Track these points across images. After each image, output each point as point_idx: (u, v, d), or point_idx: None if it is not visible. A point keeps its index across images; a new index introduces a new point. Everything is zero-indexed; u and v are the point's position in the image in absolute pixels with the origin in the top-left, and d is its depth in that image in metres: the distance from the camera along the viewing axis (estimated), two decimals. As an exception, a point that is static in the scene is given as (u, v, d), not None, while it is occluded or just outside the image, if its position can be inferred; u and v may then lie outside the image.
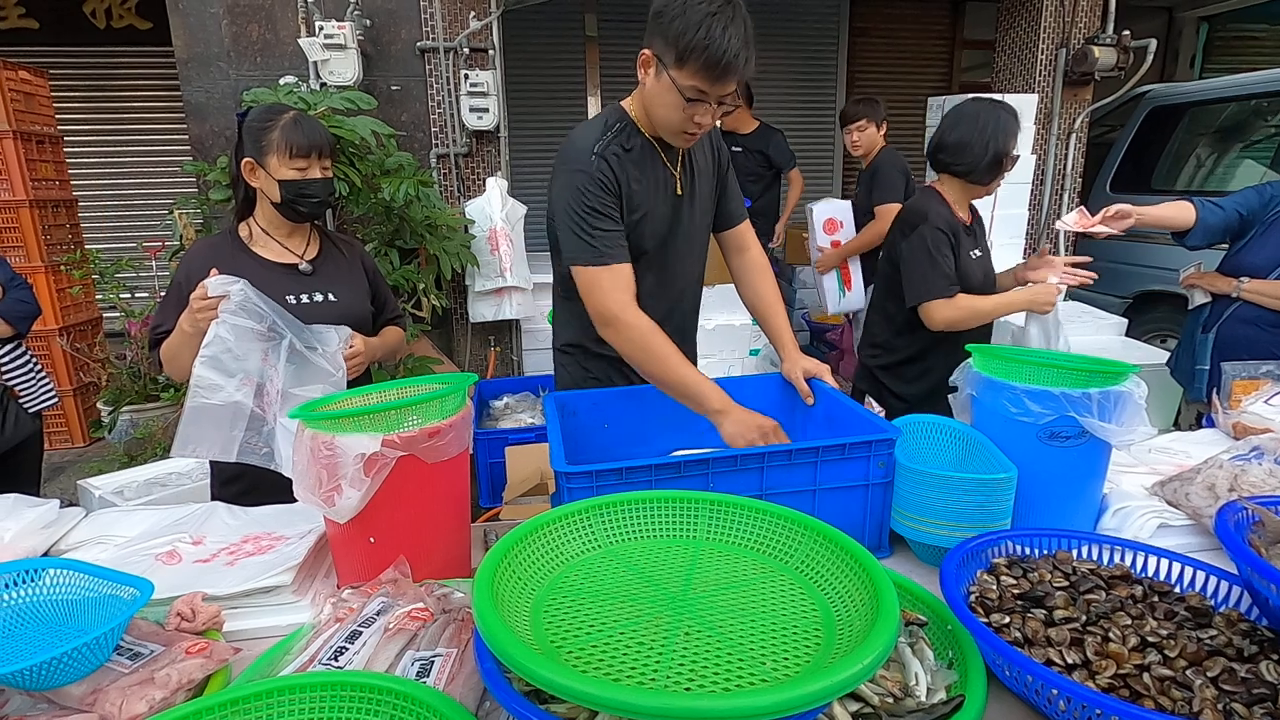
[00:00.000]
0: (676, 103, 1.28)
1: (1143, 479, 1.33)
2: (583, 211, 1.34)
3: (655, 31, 1.25)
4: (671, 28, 1.21)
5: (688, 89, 1.25)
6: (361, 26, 3.40)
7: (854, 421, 1.29)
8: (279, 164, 1.49)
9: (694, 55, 1.21)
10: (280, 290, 1.53)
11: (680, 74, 1.25)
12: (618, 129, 1.40)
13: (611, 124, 1.40)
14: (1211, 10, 5.95)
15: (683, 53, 1.22)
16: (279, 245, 1.59)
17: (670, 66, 1.25)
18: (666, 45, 1.24)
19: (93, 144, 5.31)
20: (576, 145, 1.37)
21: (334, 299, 1.60)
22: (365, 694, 0.70)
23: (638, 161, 1.40)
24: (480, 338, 3.89)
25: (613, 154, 1.37)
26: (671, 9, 1.21)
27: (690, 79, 1.24)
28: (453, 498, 1.11)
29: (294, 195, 1.51)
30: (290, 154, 1.48)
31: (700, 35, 1.19)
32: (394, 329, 1.80)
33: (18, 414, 2.09)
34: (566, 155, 1.38)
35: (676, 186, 1.47)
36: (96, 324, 4.02)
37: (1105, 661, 0.82)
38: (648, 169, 1.42)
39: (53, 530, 1.21)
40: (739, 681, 0.62)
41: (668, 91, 1.28)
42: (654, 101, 1.33)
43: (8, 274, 2.10)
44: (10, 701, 0.82)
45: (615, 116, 1.42)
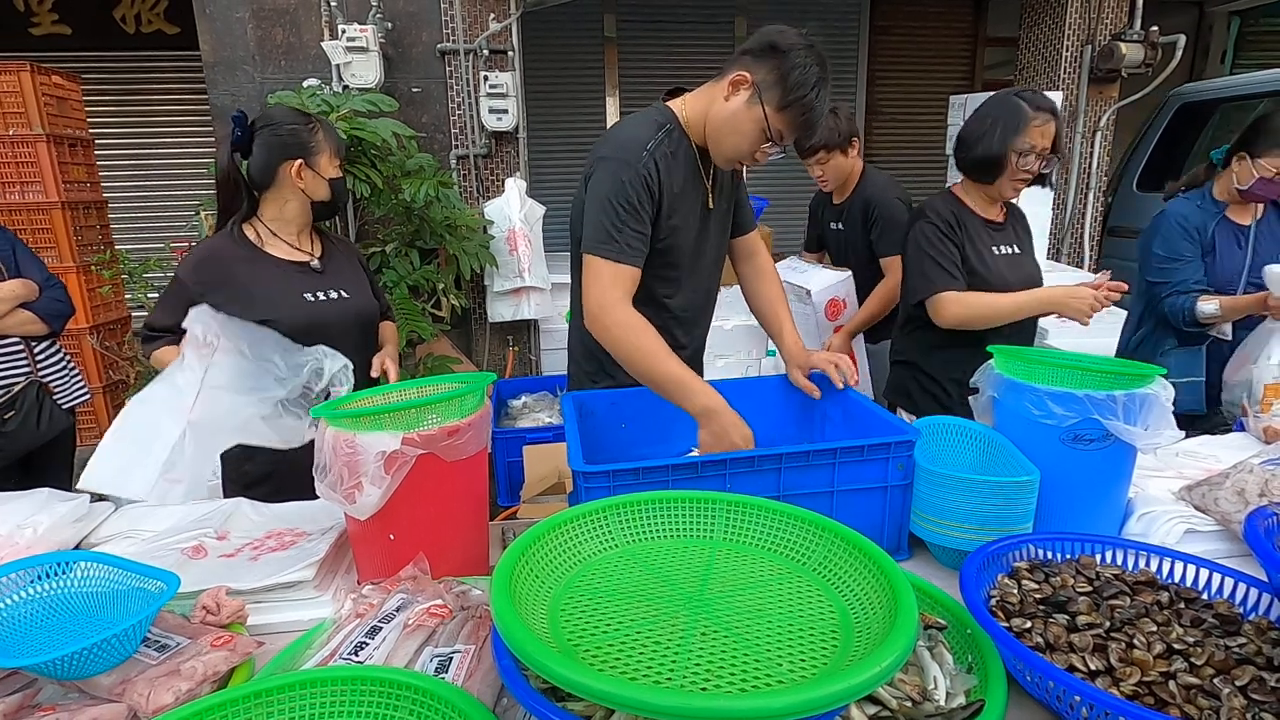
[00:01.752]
0: (755, 135, 1.32)
1: (1170, 483, 1.31)
2: (620, 205, 1.32)
3: (767, 63, 1.28)
4: (792, 74, 1.27)
5: (775, 131, 1.31)
6: (383, 29, 3.44)
7: (873, 423, 1.28)
8: (328, 164, 1.58)
9: (798, 109, 1.28)
10: (300, 289, 1.57)
11: (777, 116, 1.29)
12: (668, 130, 1.39)
13: (663, 125, 1.39)
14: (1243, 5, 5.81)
15: (791, 102, 1.28)
16: (288, 245, 1.61)
17: (770, 104, 1.29)
18: (777, 83, 1.28)
19: (122, 146, 5.42)
20: (630, 137, 1.36)
21: (346, 295, 1.63)
22: (385, 689, 0.71)
23: (681, 167, 1.41)
24: (499, 337, 3.92)
25: (663, 156, 1.36)
26: (795, 56, 1.27)
27: (781, 124, 1.30)
28: (471, 496, 1.12)
29: (338, 192, 1.62)
30: (334, 154, 1.59)
31: (813, 96, 1.28)
32: (390, 327, 1.85)
33: (52, 410, 2.14)
34: (618, 146, 1.36)
35: (709, 200, 1.48)
36: (125, 323, 4.10)
37: (1129, 668, 0.80)
38: (688, 177, 1.43)
39: (83, 524, 1.24)
40: (755, 682, 0.62)
41: (753, 122, 1.31)
42: (729, 123, 1.33)
43: (44, 274, 2.15)
44: (43, 690, 0.84)
45: (665, 118, 1.41)
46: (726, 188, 1.55)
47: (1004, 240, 1.85)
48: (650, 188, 1.34)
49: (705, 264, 1.55)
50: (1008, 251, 1.85)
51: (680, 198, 1.41)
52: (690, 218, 1.45)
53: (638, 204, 1.33)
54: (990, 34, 6.04)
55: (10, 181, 3.57)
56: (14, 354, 2.09)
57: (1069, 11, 4.12)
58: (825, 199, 2.64)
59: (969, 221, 1.81)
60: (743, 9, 5.32)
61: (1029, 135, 1.68)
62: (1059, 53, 4.22)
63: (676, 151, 1.40)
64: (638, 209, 1.33)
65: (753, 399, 1.47)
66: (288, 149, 1.54)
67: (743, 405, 1.46)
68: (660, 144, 1.37)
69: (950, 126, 4.00)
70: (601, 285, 1.34)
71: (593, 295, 1.35)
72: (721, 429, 1.24)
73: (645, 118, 1.41)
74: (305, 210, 1.60)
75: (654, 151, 1.35)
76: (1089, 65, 4.17)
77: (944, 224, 1.78)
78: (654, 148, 1.35)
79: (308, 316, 1.55)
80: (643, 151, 1.34)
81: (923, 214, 1.83)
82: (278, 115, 1.57)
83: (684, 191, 1.42)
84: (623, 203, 1.32)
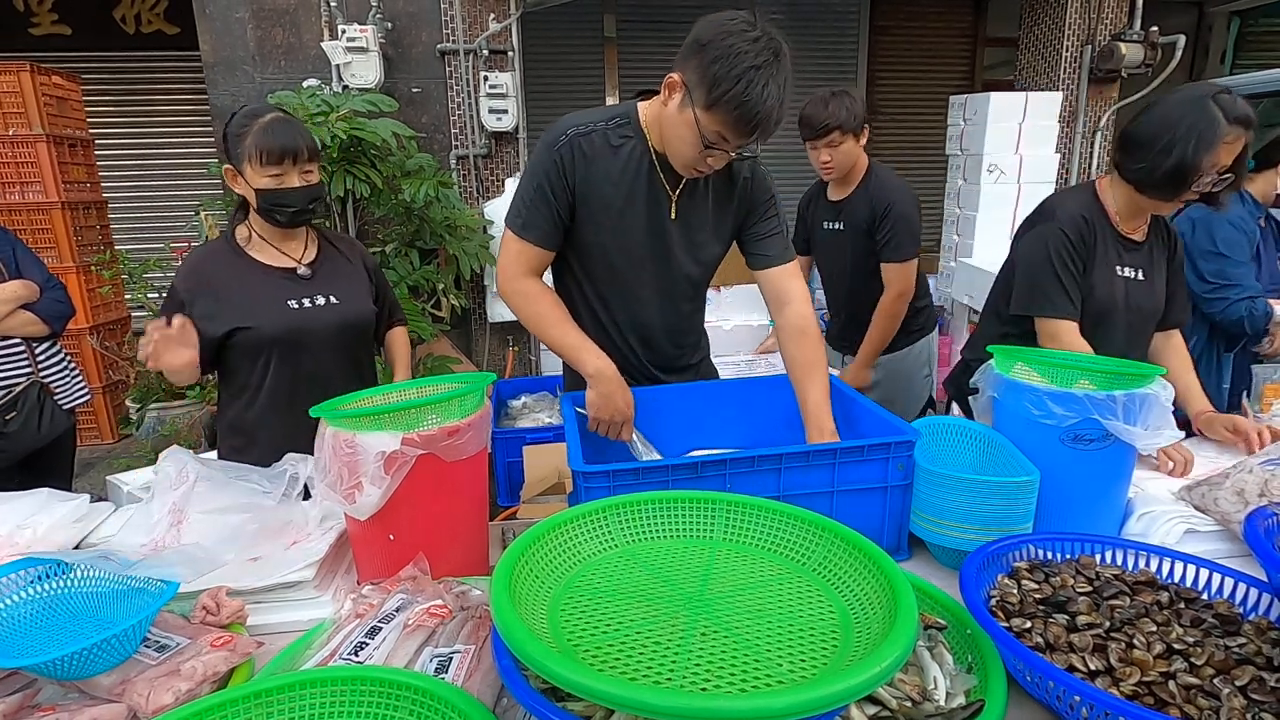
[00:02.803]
0: (693, 140, 1.20)
1: (1169, 483, 1.31)
2: (529, 182, 1.34)
3: (692, 61, 1.16)
4: (711, 69, 1.12)
5: (710, 133, 1.18)
6: (383, 30, 3.44)
7: (873, 423, 1.28)
8: (254, 172, 1.45)
9: (726, 105, 1.13)
10: (281, 295, 1.54)
11: (706, 116, 1.16)
12: (615, 123, 1.33)
13: (613, 117, 1.33)
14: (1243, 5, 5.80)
15: (715, 99, 1.13)
16: (275, 250, 1.57)
17: (698, 105, 1.16)
18: (700, 82, 1.14)
19: (122, 146, 5.42)
20: (562, 121, 1.34)
21: (335, 301, 1.59)
22: (385, 689, 0.71)
23: (623, 166, 1.33)
24: (499, 337, 3.92)
25: (589, 142, 1.31)
26: (715, 47, 1.12)
27: (715, 125, 1.17)
28: (471, 496, 1.12)
29: (270, 204, 1.47)
30: (263, 161, 1.43)
31: (739, 89, 1.11)
32: (400, 338, 1.81)
33: (53, 411, 2.15)
34: (551, 127, 1.35)
35: (670, 210, 1.37)
36: (125, 323, 4.10)
37: (1129, 669, 0.80)
38: (634, 179, 1.34)
39: (84, 524, 1.24)
40: (755, 682, 0.62)
41: (687, 127, 1.19)
42: (669, 129, 1.25)
43: (44, 275, 2.15)
44: (42, 690, 0.84)
45: (623, 114, 1.35)
46: (718, 202, 1.42)
47: (1133, 262, 1.59)
48: (562, 169, 1.30)
49: (663, 278, 1.43)
50: (1133, 276, 1.58)
51: (614, 198, 1.33)
52: (635, 224, 1.36)
53: (544, 183, 1.32)
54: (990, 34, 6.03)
55: (10, 181, 3.57)
56: (15, 355, 2.09)
57: (1069, 11, 4.13)
58: (818, 197, 2.45)
59: (1103, 233, 1.56)
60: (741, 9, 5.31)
61: (1219, 153, 1.40)
62: (1059, 53, 4.22)
63: (621, 147, 1.32)
64: (544, 189, 1.32)
65: (753, 399, 1.47)
66: (227, 153, 1.50)
67: (743, 405, 1.47)
68: (591, 132, 1.31)
69: (950, 126, 4.00)
70: (506, 257, 1.38)
71: (500, 265, 1.40)
72: (608, 391, 1.30)
73: (599, 108, 1.37)
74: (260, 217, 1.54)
75: (574, 137, 1.30)
76: (1089, 65, 4.17)
77: (1077, 235, 1.53)
78: (578, 134, 1.30)
79: (287, 324, 1.52)
80: (562, 135, 1.30)
81: (1054, 215, 1.57)
82: (235, 115, 1.50)
83: (623, 194, 1.33)
84: (531, 180, 1.33)
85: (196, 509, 1.13)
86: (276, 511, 1.16)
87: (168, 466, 1.19)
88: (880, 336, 2.32)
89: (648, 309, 1.46)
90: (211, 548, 1.06)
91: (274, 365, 1.54)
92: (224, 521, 1.12)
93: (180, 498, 1.14)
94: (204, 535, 1.09)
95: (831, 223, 2.39)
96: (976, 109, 3.72)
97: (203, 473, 1.18)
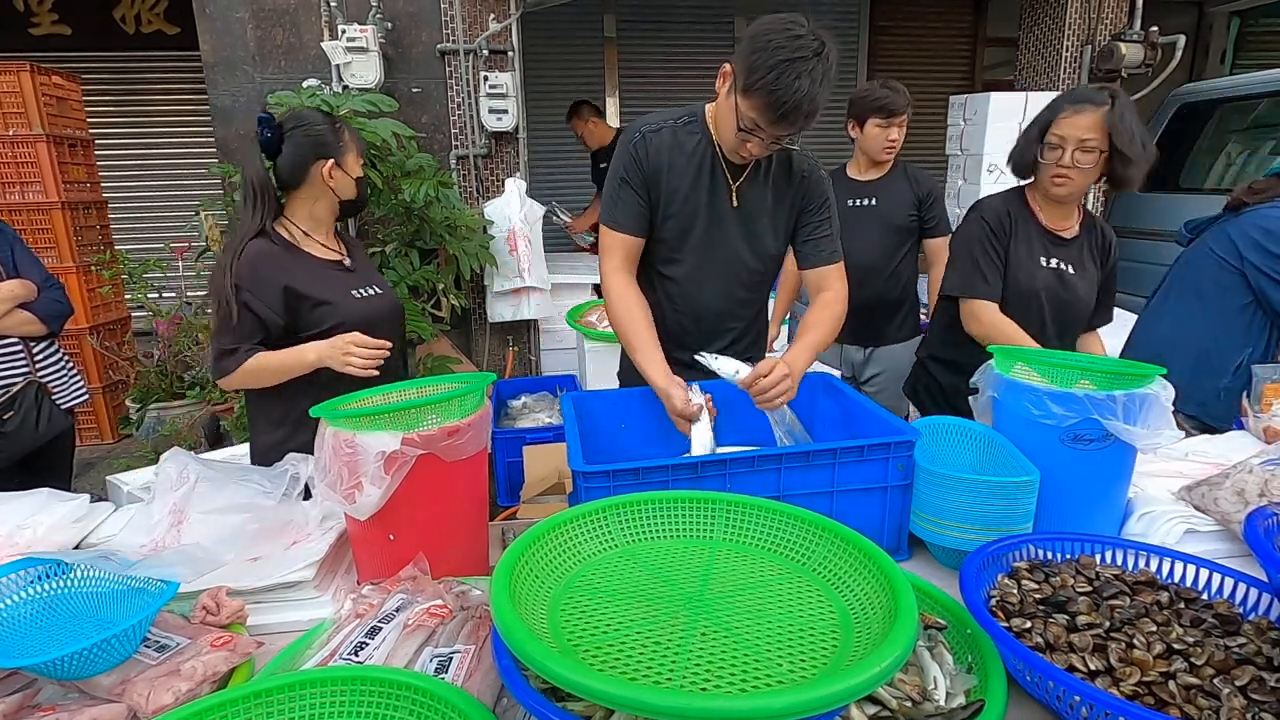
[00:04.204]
0: (732, 123, 1.33)
1: (1169, 483, 1.31)
2: (615, 177, 1.46)
3: (741, 51, 1.28)
4: (752, 57, 1.23)
5: (745, 119, 1.29)
6: (383, 30, 3.44)
7: (873, 423, 1.28)
8: (354, 163, 1.62)
9: (759, 92, 1.23)
10: (344, 286, 1.62)
11: (744, 102, 1.28)
12: (682, 121, 1.47)
13: (680, 115, 1.48)
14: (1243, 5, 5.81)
15: (750, 85, 1.24)
16: (320, 244, 1.65)
17: (738, 90, 1.28)
18: (741, 69, 1.26)
19: (122, 146, 5.42)
20: (636, 122, 1.48)
21: (379, 291, 1.70)
22: (385, 689, 0.71)
23: (689, 158, 1.45)
24: (499, 337, 3.92)
25: (659, 138, 1.44)
26: (760, 39, 1.23)
27: (750, 110, 1.27)
28: (471, 496, 1.12)
29: (363, 191, 1.66)
30: (360, 154, 1.64)
31: (771, 77, 1.21)
32: None
33: (51, 410, 2.14)
34: (627, 130, 1.49)
35: (731, 199, 1.47)
36: (125, 323, 4.10)
37: (1129, 669, 0.80)
38: (698, 169, 1.45)
39: (83, 524, 1.24)
40: (755, 682, 0.62)
41: (730, 111, 1.32)
42: (720, 116, 1.39)
43: (43, 274, 2.15)
44: (43, 690, 0.84)
45: (690, 112, 1.48)
46: (778, 199, 1.50)
47: (1061, 255, 1.71)
48: (639, 163, 1.44)
49: (719, 261, 1.52)
50: (1059, 267, 1.70)
51: (679, 186, 1.45)
52: (697, 209, 1.47)
53: (625, 176, 1.45)
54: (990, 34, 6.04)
55: (10, 181, 3.57)
56: (13, 354, 2.09)
57: (1069, 11, 4.13)
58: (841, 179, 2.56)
59: (1026, 225, 1.71)
60: (743, 9, 5.31)
61: (1058, 127, 1.60)
62: (1059, 53, 4.22)
63: (688, 141, 1.45)
64: (626, 180, 1.45)
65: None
66: (320, 149, 1.57)
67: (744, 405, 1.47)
68: (663, 128, 1.45)
69: (950, 126, 4.00)
70: (604, 249, 1.50)
71: (601, 262, 1.51)
72: (667, 402, 1.35)
73: (674, 109, 1.50)
74: (333, 209, 1.65)
75: (647, 132, 1.45)
76: (1089, 65, 4.17)
77: (997, 223, 1.70)
78: (649, 130, 1.45)
79: (360, 313, 1.59)
80: (637, 133, 1.45)
81: (980, 207, 1.77)
82: (308, 116, 1.60)
83: (687, 182, 1.45)
84: (617, 176, 1.46)
85: (196, 509, 1.13)
86: (276, 511, 1.16)
87: (168, 467, 1.19)
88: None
89: (704, 290, 1.54)
90: (211, 548, 1.06)
91: None
92: (224, 521, 1.12)
93: (180, 498, 1.14)
94: (204, 535, 1.09)
95: (859, 200, 2.50)
96: (976, 109, 3.72)
97: (203, 473, 1.18)
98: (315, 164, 1.56)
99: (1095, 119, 1.56)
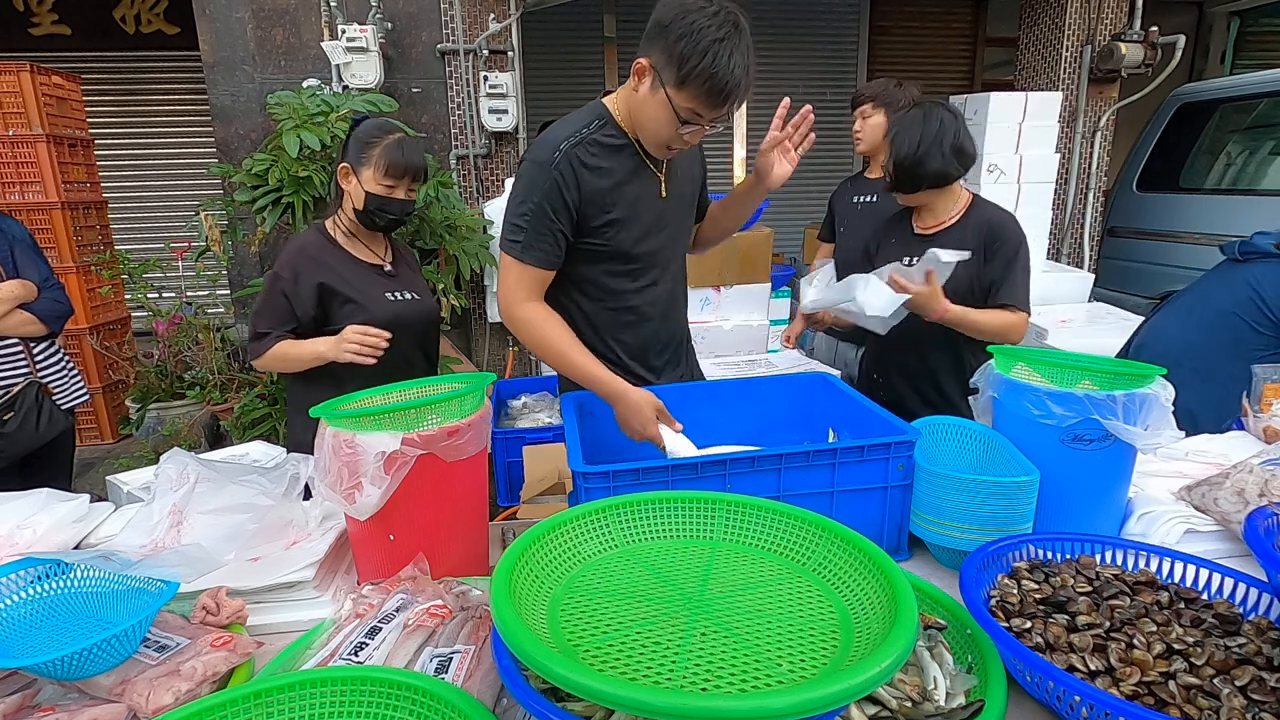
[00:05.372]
0: (668, 119, 1.25)
1: (1169, 483, 1.31)
2: (527, 204, 1.33)
3: (657, 44, 1.21)
4: (677, 47, 1.18)
5: (684, 110, 1.23)
6: (383, 29, 3.44)
7: (872, 423, 1.28)
8: (372, 177, 1.62)
9: (697, 81, 1.18)
10: (380, 288, 1.70)
11: (679, 95, 1.22)
12: (598, 125, 1.36)
13: (593, 120, 1.36)
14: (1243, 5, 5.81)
15: (685, 76, 1.19)
16: (365, 246, 1.72)
17: (669, 85, 1.21)
18: (668, 63, 1.20)
19: (122, 146, 5.42)
20: (548, 138, 1.34)
21: (417, 297, 1.76)
22: (385, 689, 0.71)
23: (617, 159, 1.36)
24: (499, 337, 3.92)
25: (584, 152, 1.33)
26: (678, 27, 1.17)
27: (689, 102, 1.22)
28: (471, 496, 1.12)
29: (375, 208, 1.64)
30: (385, 172, 1.61)
31: (707, 62, 1.16)
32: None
33: (51, 411, 2.14)
34: (537, 146, 1.35)
35: (661, 189, 1.44)
36: (125, 323, 4.10)
37: (1129, 669, 0.80)
38: (628, 170, 1.38)
39: (83, 525, 1.24)
40: (755, 683, 0.62)
41: (661, 107, 1.24)
42: (643, 113, 1.29)
43: (44, 274, 2.15)
44: (43, 690, 0.84)
45: (596, 113, 1.37)
46: (688, 175, 1.52)
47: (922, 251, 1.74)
48: (562, 189, 1.31)
49: (667, 254, 1.51)
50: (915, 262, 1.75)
51: (614, 192, 1.36)
52: (638, 208, 1.40)
53: (545, 205, 1.31)
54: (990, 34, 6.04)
55: (10, 181, 3.57)
56: (13, 355, 2.09)
57: (1069, 12, 4.13)
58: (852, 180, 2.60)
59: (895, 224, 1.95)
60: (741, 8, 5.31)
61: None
62: (1059, 53, 4.22)
63: (609, 144, 1.36)
64: (546, 210, 1.32)
65: (753, 399, 1.47)
66: (345, 152, 1.65)
67: (743, 405, 1.47)
68: (581, 140, 1.33)
69: (950, 127, 3.99)
70: (508, 283, 1.39)
71: (501, 292, 1.40)
72: (630, 408, 1.30)
73: (575, 115, 1.38)
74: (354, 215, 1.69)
75: (569, 150, 1.31)
76: (1089, 65, 4.17)
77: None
78: (570, 146, 1.32)
79: (391, 313, 1.67)
80: (555, 152, 1.31)
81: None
82: (365, 123, 1.67)
83: (625, 183, 1.37)
84: (530, 203, 1.32)
85: (196, 509, 1.13)
86: (276, 511, 1.16)
87: (168, 467, 1.19)
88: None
89: (664, 291, 1.52)
90: (211, 548, 1.06)
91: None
92: (224, 521, 1.12)
93: (180, 499, 1.14)
94: (204, 536, 1.09)
95: (865, 196, 2.53)
96: (976, 109, 3.72)
97: (203, 474, 1.18)
98: (340, 165, 1.65)
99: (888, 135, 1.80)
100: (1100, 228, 4.56)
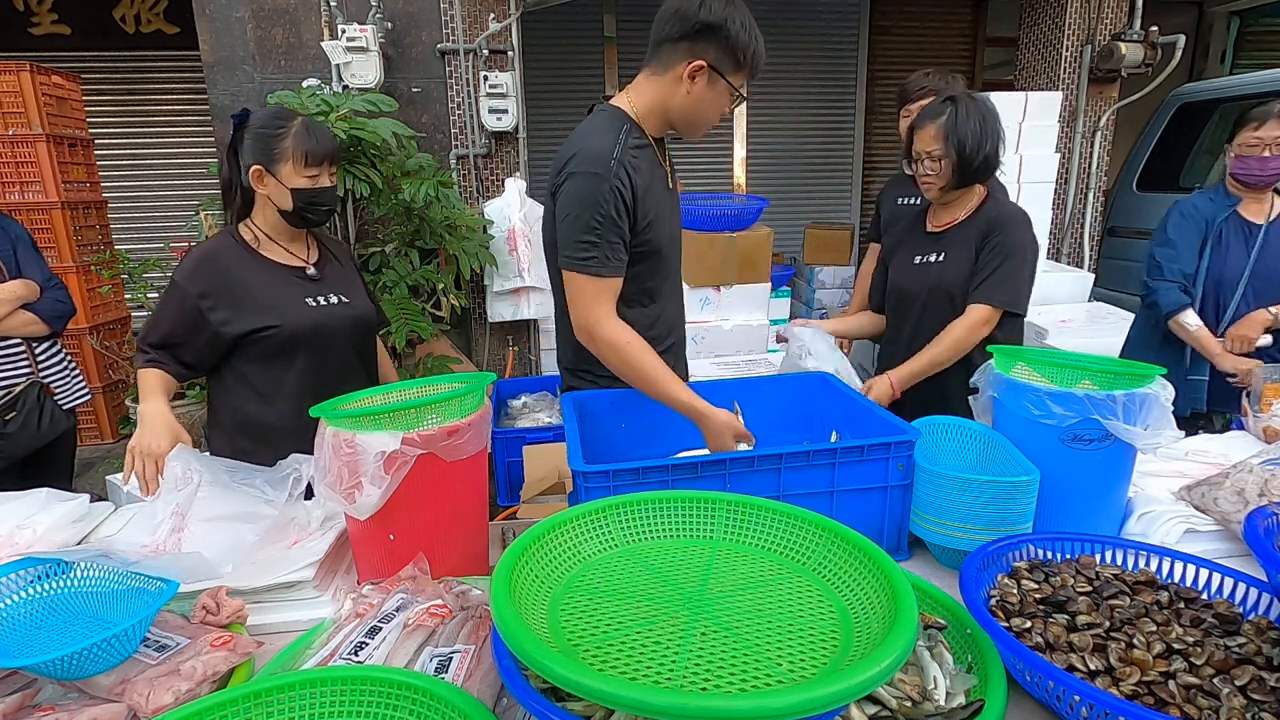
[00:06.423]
0: (723, 104, 1.40)
1: (1169, 483, 1.31)
2: (597, 218, 1.31)
3: (710, 44, 1.32)
4: (737, 37, 1.32)
5: (743, 90, 1.39)
6: (383, 29, 3.44)
7: (872, 423, 1.28)
8: (292, 172, 1.47)
9: (754, 60, 1.36)
10: (299, 294, 1.53)
11: (738, 77, 1.37)
12: (627, 131, 1.38)
13: (621, 126, 1.38)
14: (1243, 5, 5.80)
15: (744, 58, 1.34)
16: (284, 249, 1.56)
17: (729, 73, 1.35)
18: (727, 55, 1.33)
19: (122, 146, 5.42)
20: (595, 148, 1.33)
21: (346, 300, 1.60)
22: (385, 689, 0.71)
23: (645, 161, 1.40)
24: (498, 337, 3.92)
25: (629, 159, 1.35)
26: (731, 25, 1.31)
27: (745, 80, 1.38)
28: (471, 496, 1.12)
29: (306, 203, 1.49)
30: (305, 163, 1.47)
31: (759, 46, 1.35)
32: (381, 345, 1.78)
33: (53, 411, 2.14)
34: (585, 158, 1.33)
35: (669, 181, 1.50)
36: (125, 323, 4.10)
37: (1129, 668, 0.80)
38: (654, 169, 1.43)
39: (83, 524, 1.24)
40: (755, 682, 0.62)
41: (720, 95, 1.37)
42: (698, 108, 1.39)
43: (46, 274, 2.15)
44: (43, 690, 0.84)
45: (620, 119, 1.40)
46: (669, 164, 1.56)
47: (936, 248, 1.80)
48: (623, 197, 1.33)
49: (676, 248, 1.55)
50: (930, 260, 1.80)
51: (651, 194, 1.40)
52: (661, 204, 1.44)
53: (614, 214, 1.32)
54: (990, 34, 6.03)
55: (10, 181, 3.57)
56: (15, 355, 2.09)
57: (1069, 11, 4.13)
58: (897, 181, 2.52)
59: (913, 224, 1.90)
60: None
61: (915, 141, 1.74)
62: (1059, 53, 4.22)
63: (640, 146, 1.40)
64: (613, 219, 1.32)
65: (753, 399, 1.47)
66: (252, 152, 1.48)
67: (743, 405, 1.47)
68: (624, 148, 1.35)
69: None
70: (584, 302, 1.35)
71: (580, 312, 1.36)
72: (721, 427, 1.33)
73: (603, 124, 1.39)
74: (278, 217, 1.52)
75: (620, 158, 1.33)
76: (1089, 65, 4.17)
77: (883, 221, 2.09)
78: (620, 154, 1.34)
79: (310, 322, 1.52)
80: (611, 161, 1.32)
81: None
82: (256, 117, 1.50)
83: (651, 183, 1.41)
84: (600, 216, 1.31)
85: (198, 516, 1.12)
86: (277, 519, 1.15)
87: (173, 465, 1.19)
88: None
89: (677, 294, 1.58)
90: (211, 559, 1.04)
91: (299, 364, 1.52)
92: (225, 530, 1.11)
93: (184, 499, 1.14)
94: (204, 544, 1.08)
95: (907, 198, 2.48)
96: (976, 109, 3.71)
97: (207, 475, 1.17)
98: (251, 169, 1.48)
99: (935, 130, 1.70)
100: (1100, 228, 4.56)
